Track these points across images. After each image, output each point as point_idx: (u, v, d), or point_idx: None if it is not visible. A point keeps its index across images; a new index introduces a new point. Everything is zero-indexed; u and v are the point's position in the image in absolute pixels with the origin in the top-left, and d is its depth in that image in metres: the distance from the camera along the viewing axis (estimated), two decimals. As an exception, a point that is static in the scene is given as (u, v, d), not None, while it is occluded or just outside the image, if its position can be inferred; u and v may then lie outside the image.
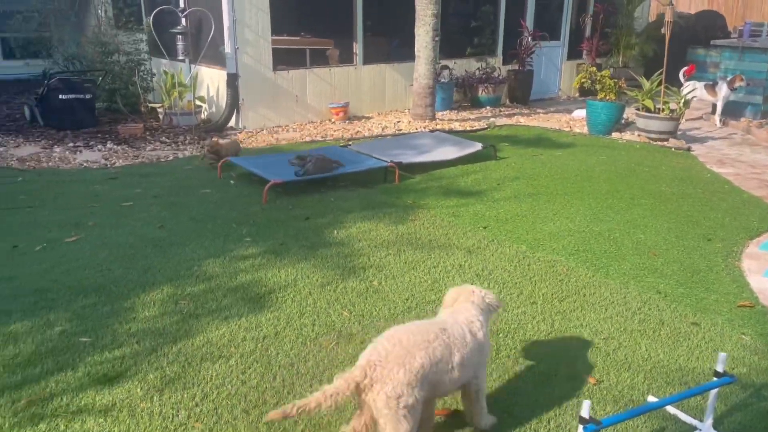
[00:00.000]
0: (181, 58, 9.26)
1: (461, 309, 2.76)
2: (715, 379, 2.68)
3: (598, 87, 9.12)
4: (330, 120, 9.89)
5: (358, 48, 10.16)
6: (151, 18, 9.25)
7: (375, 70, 10.42)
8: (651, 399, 3.01)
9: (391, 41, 10.96)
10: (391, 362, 2.35)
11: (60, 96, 8.56)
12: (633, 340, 3.56)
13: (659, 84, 8.74)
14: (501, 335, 3.55)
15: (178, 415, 2.76)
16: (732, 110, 10.15)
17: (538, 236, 5.14)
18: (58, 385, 2.91)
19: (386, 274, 4.32)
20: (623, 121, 9.39)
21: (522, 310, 3.86)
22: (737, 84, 9.70)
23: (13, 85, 12.08)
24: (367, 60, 10.31)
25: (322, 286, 4.10)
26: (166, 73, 9.26)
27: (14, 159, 7.24)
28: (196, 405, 2.83)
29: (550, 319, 3.77)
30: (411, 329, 2.53)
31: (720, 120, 10.03)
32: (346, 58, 10.22)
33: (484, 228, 5.30)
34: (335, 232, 5.10)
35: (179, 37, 9.08)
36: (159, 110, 9.27)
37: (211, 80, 9.47)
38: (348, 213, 5.57)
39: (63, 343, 3.28)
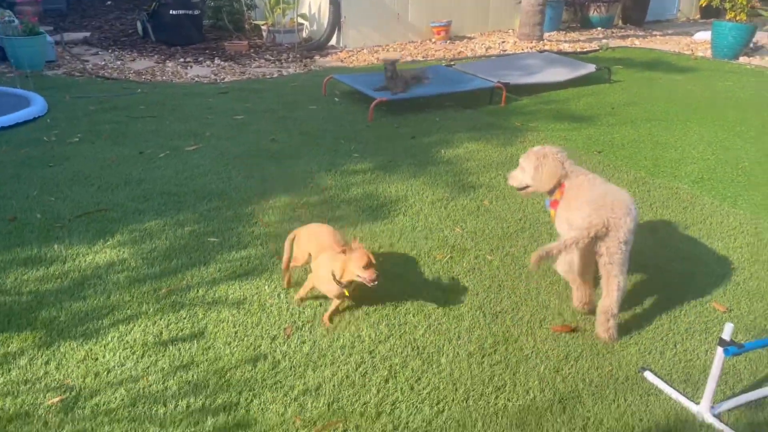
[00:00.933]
0: (285, -27, 9.17)
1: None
2: None
3: (727, 6, 8.29)
4: (431, 40, 9.63)
5: (463, -37, 9.70)
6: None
7: (480, -13, 9.96)
8: (787, 331, 2.84)
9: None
10: (619, 214, 2.67)
11: (170, 11, 8.75)
12: (765, 271, 3.35)
13: (801, 2, 7.84)
14: (621, 259, 3.43)
15: (304, 312, 2.88)
16: None
17: (659, 162, 4.86)
18: (193, 278, 3.10)
19: (496, 194, 4.25)
20: (752, 45, 8.57)
21: (644, 240, 3.70)
22: None
23: (124, 0, 12.49)
24: (471, -24, 9.85)
25: (433, 203, 4.09)
26: (269, -11, 9.25)
27: (132, 72, 7.56)
28: (320, 305, 2.94)
29: (674, 247, 3.60)
30: (614, 188, 2.88)
31: None
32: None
33: (599, 152, 5.08)
34: (442, 151, 5.04)
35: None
36: (263, 28, 9.33)
37: (313, -3, 9.38)
38: (454, 133, 5.47)
39: (194, 241, 3.47)
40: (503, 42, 9.35)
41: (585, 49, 8.86)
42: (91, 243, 3.40)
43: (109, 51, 8.65)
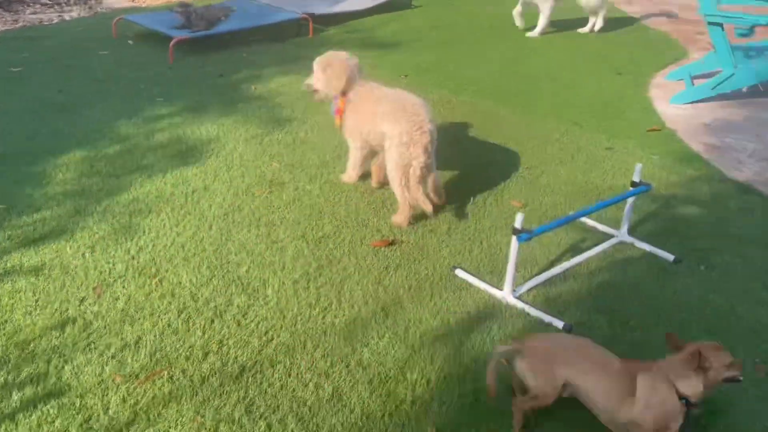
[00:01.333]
0: None
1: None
2: (631, 189, 2.88)
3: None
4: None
5: None
6: None
7: None
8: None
9: None
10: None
11: None
12: (553, 168, 3.74)
13: None
14: (431, 172, 3.63)
15: (115, 268, 2.70)
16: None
17: (460, 81, 5.14)
18: (-23, 252, 2.76)
19: (311, 125, 4.24)
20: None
21: (451, 151, 3.92)
22: None
23: None
24: None
25: (247, 140, 3.98)
26: None
27: None
28: (133, 258, 2.78)
29: (476, 155, 3.87)
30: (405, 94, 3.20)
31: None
32: None
33: (405, 76, 5.23)
34: (253, 87, 4.88)
35: None
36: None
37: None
38: (264, 68, 5.32)
39: (-26, 212, 3.07)
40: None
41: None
42: None
43: None
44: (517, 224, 2.44)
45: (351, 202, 3.31)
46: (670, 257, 2.83)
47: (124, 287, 2.59)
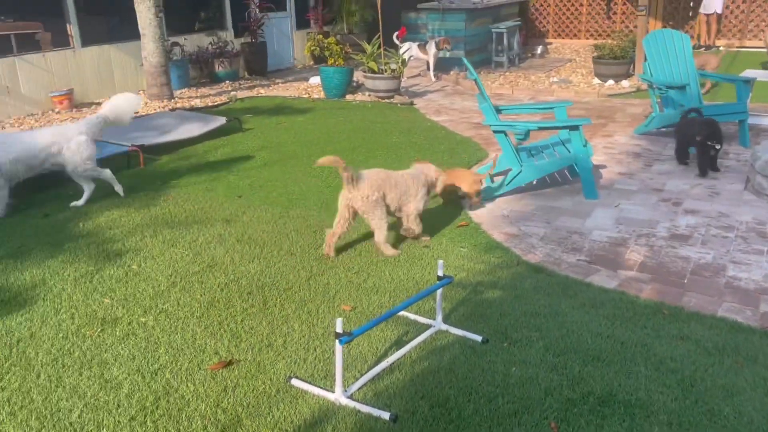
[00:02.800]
0: None
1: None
2: (437, 282, 3.29)
3: (327, 54, 9.72)
4: (54, 110, 9.06)
5: (73, 29, 9.38)
6: None
7: (97, 52, 9.74)
8: (403, 314, 3.55)
9: (110, 19, 10.28)
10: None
11: None
12: (378, 269, 4.11)
13: (379, 47, 9.64)
14: (266, 288, 3.84)
15: (-72, 439, 2.54)
16: (443, 66, 11.60)
17: (291, 197, 5.50)
18: None
19: (145, 255, 4.30)
20: (355, 84, 10.19)
21: (283, 263, 4.18)
22: (444, 46, 11.10)
23: None
24: (87, 41, 9.59)
25: (76, 279, 3.95)
26: None
27: None
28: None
29: (309, 266, 4.15)
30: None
31: (434, 75, 11.40)
32: (62, 41, 9.37)
33: (239, 197, 5.50)
34: (81, 224, 4.86)
35: None
36: None
37: None
38: (92, 204, 5.32)
39: None
40: (134, 104, 9.29)
41: (216, 103, 9.38)
42: None
43: None
44: (338, 328, 2.70)
45: (188, 328, 3.40)
46: (479, 338, 3.23)
47: (-61, 457, 2.44)
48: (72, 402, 2.79)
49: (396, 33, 11.55)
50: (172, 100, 9.40)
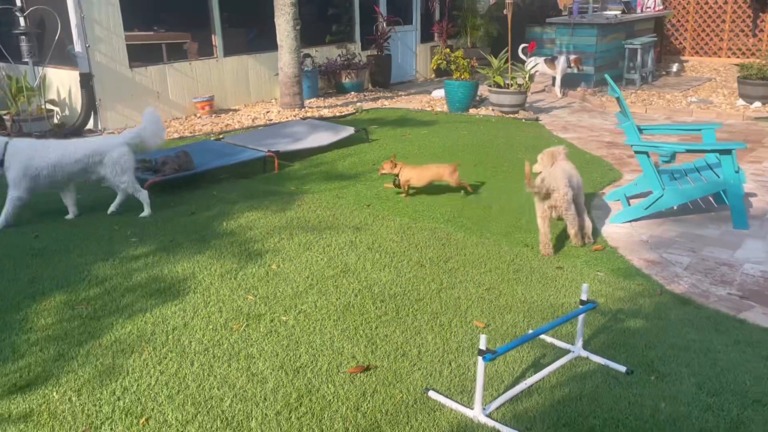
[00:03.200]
0: (26, 60, 8.61)
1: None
2: (580, 306, 3.18)
3: (453, 67, 9.75)
4: (196, 115, 9.72)
5: (217, 40, 10.04)
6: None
7: (237, 62, 10.36)
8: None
9: (249, 32, 10.92)
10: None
11: None
12: (510, 288, 4.04)
13: (506, 61, 9.54)
14: (398, 297, 3.89)
15: (101, 410, 2.79)
16: (569, 81, 11.29)
17: (418, 208, 5.55)
18: (-37, 403, 2.81)
19: (283, 257, 4.50)
20: (478, 98, 10.15)
21: (414, 274, 4.22)
22: (577, 66, 10.80)
23: None
24: (228, 52, 10.22)
25: (222, 275, 4.20)
26: (9, 78, 8.59)
27: None
28: (118, 399, 2.87)
29: (438, 278, 4.16)
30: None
31: (561, 91, 11.12)
32: (206, 51, 10.06)
33: (368, 206, 5.62)
34: (224, 223, 5.17)
35: (23, 38, 8.44)
36: (5, 118, 8.59)
37: (61, 82, 8.94)
38: (234, 204, 5.64)
39: (-43, 362, 3.14)
40: (268, 112, 9.80)
41: (343, 113, 9.68)
42: None
43: None
44: (482, 345, 2.68)
45: (325, 330, 3.51)
46: (622, 369, 3.09)
47: (111, 429, 2.67)
48: (223, 391, 2.95)
49: (523, 46, 11.38)
50: (303, 109, 9.80)
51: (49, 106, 8.82)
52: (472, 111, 9.77)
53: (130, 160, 5.34)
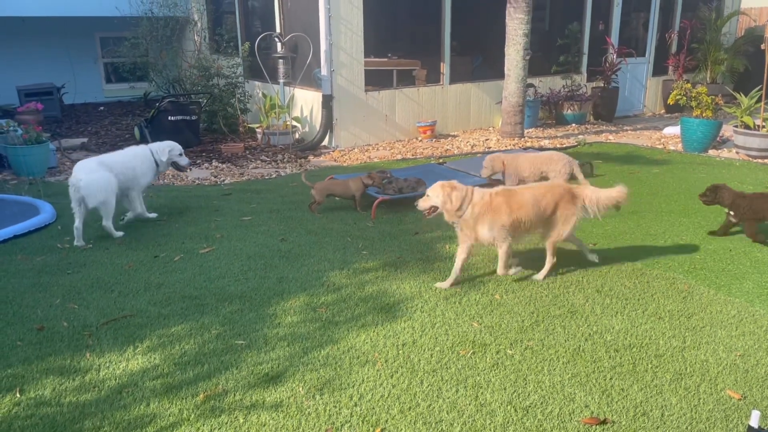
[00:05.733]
0: (281, 81, 9.69)
1: None
2: None
3: (693, 104, 8.96)
4: (417, 138, 10.12)
5: (444, 68, 10.38)
6: (256, 43, 9.76)
7: (460, 89, 10.61)
8: (802, 416, 3.00)
9: (474, 60, 11.13)
10: None
11: (169, 117, 9.13)
12: (770, 358, 3.54)
13: (758, 100, 8.53)
14: (634, 349, 3.60)
15: (340, 413, 2.95)
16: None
17: (651, 253, 5.13)
18: (228, 382, 3.17)
19: (506, 288, 4.44)
20: (720, 139, 9.20)
21: (650, 326, 3.89)
22: None
23: (116, 106, 12.94)
24: (453, 79, 10.51)
25: (446, 298, 4.26)
26: (265, 95, 9.73)
27: (132, 176, 7.77)
28: (355, 405, 3.02)
29: (680, 335, 3.79)
30: None
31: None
32: (433, 78, 10.45)
33: (594, 245, 5.34)
34: (447, 246, 5.26)
35: (281, 61, 9.53)
36: (257, 130, 9.73)
37: (305, 101, 9.88)
38: (451, 229, 5.71)
39: (221, 344, 3.56)
40: (486, 139, 9.87)
41: (564, 145, 9.39)
42: (122, 350, 3.46)
43: (108, 155, 8.89)
44: (754, 422, 2.35)
45: (555, 371, 3.37)
46: None
47: (351, 434, 2.81)
48: (452, 416, 2.96)
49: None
50: (522, 139, 9.71)
51: (294, 123, 9.81)
52: (711, 152, 8.89)
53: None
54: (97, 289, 4.28)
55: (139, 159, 5.58)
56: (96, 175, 5.11)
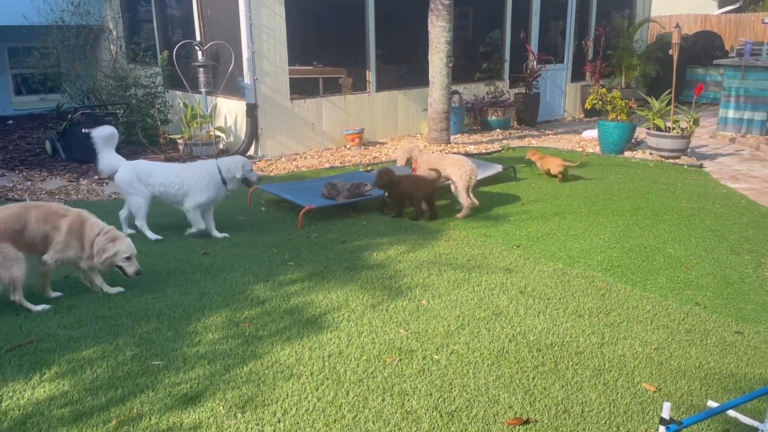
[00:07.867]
0: (202, 90, 9.45)
1: None
2: (778, 381, 2.81)
3: (609, 108, 9.34)
4: (345, 146, 10.09)
5: (371, 75, 10.41)
6: (174, 52, 9.47)
7: (387, 97, 10.66)
8: (711, 404, 3.12)
9: (400, 68, 11.23)
10: None
11: (83, 129, 8.69)
12: (683, 350, 3.69)
13: (668, 103, 8.99)
14: (556, 347, 3.68)
15: (263, 431, 2.85)
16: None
17: (572, 253, 5.28)
18: (143, 406, 3.01)
19: (432, 293, 4.45)
20: (634, 141, 9.62)
21: (571, 324, 3.99)
22: None
23: (26, 120, 12.28)
24: (380, 87, 10.56)
25: (373, 306, 4.22)
26: (186, 105, 9.46)
27: (43, 192, 7.37)
28: (279, 421, 2.93)
29: (599, 332, 3.89)
30: None
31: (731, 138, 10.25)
32: (360, 86, 10.46)
33: (517, 247, 5.45)
34: (374, 254, 5.23)
35: (201, 70, 9.30)
36: (179, 141, 9.44)
37: (229, 111, 9.67)
38: (383, 236, 5.71)
39: (137, 366, 3.38)
40: (414, 146, 9.93)
41: (489, 150, 9.59)
42: (27, 378, 3.23)
43: (16, 172, 8.42)
44: (665, 414, 2.42)
45: (479, 374, 3.39)
46: (830, 459, 2.66)
47: (273, 451, 2.72)
48: (378, 426, 2.92)
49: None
50: (449, 145, 9.84)
51: (217, 133, 9.57)
52: (627, 154, 9.29)
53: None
54: (1, 314, 3.99)
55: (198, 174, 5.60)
56: None
